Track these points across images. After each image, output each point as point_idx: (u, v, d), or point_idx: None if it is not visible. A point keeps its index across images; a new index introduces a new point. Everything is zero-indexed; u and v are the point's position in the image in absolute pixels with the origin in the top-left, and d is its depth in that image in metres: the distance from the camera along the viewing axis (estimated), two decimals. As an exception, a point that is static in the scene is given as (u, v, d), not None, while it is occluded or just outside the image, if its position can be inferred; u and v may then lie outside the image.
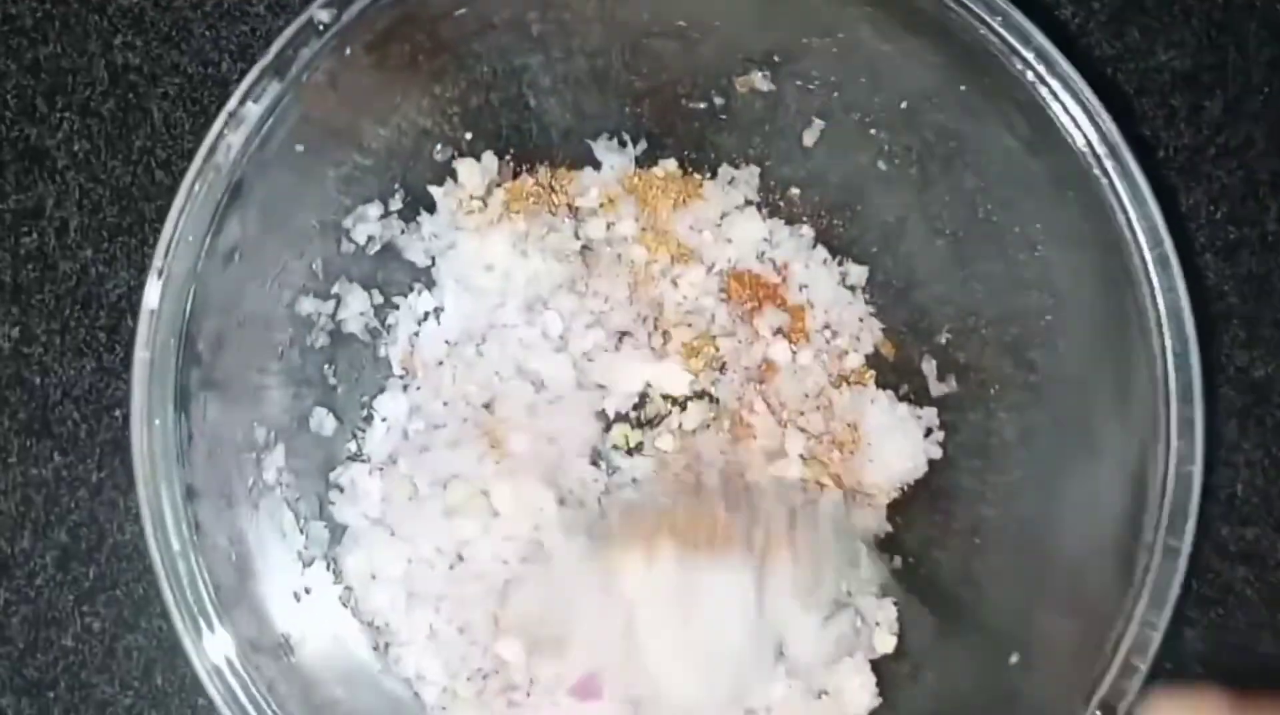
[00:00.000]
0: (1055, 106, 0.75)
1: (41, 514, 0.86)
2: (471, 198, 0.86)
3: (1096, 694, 0.71)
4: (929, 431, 0.88)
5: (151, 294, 0.69)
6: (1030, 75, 0.75)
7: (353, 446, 0.86)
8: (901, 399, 0.89)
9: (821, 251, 0.91)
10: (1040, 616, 0.79)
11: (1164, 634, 0.71)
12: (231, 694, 0.69)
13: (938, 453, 0.88)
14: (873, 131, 0.85)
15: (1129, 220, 0.74)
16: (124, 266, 0.88)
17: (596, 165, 0.90)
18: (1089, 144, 0.75)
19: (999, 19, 0.74)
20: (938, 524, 0.87)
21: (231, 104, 0.70)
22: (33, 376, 0.87)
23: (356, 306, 0.85)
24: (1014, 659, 0.78)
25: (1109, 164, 0.74)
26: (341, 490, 0.84)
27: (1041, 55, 0.74)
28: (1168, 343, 0.73)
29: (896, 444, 0.87)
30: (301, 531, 0.81)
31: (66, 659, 0.85)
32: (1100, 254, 0.75)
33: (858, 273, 0.90)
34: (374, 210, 0.84)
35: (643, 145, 0.90)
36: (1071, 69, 0.74)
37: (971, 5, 0.74)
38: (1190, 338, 0.73)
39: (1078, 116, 0.75)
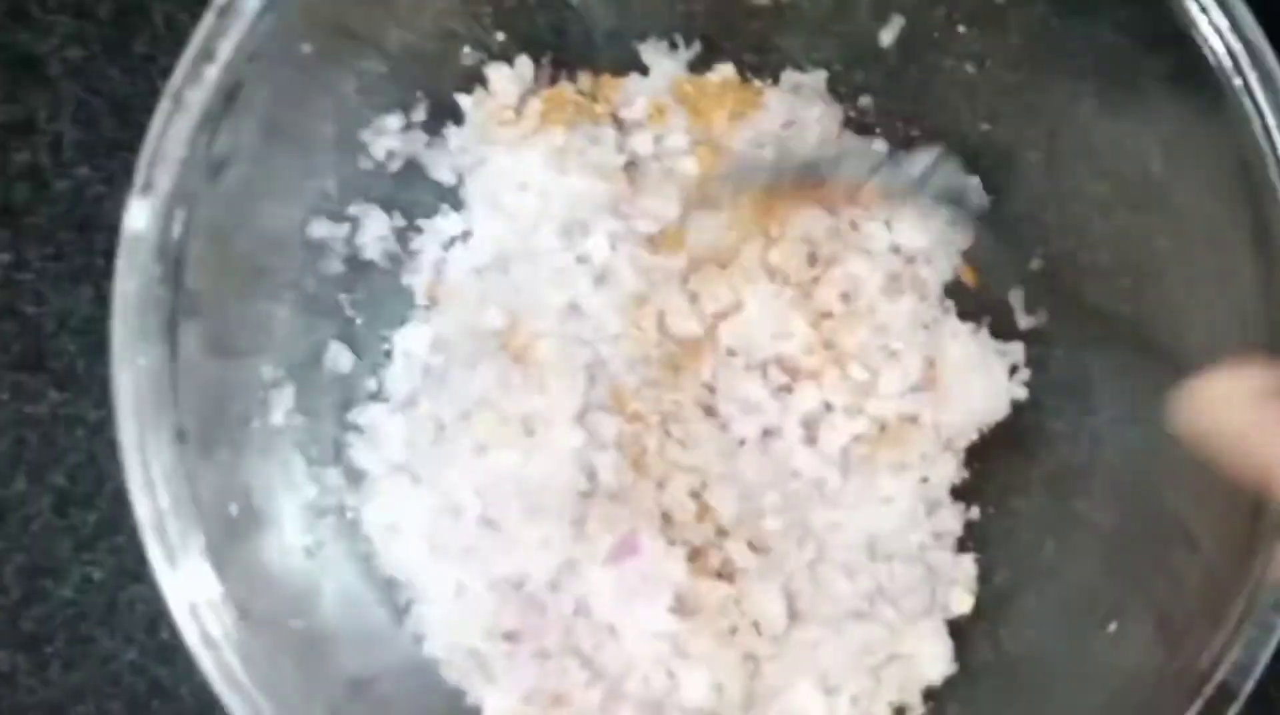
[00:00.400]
0: (1177, -7, 0.66)
1: (37, 455, 0.80)
2: (504, 108, 0.79)
3: (1214, 677, 0.63)
4: (1014, 370, 0.80)
5: (135, 215, 0.62)
6: (1148, -46, 0.66)
7: (372, 384, 0.78)
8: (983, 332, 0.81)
9: (896, 168, 0.82)
10: (1143, 578, 0.72)
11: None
12: (229, 670, 0.62)
13: (1022, 393, 0.80)
14: (960, 29, 0.77)
15: (1267, 131, 0.65)
16: (123, 186, 0.77)
17: (644, 71, 0.82)
18: (1220, 38, 0.66)
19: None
20: (1019, 471, 0.80)
21: (223, -3, 0.62)
22: (25, 306, 0.81)
23: (375, 230, 0.77)
24: (1112, 627, 0.71)
25: (1244, 62, 0.66)
26: (360, 431, 0.77)
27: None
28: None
29: (977, 383, 0.80)
30: (314, 480, 0.74)
31: (65, 611, 0.80)
32: (1228, 171, 0.67)
33: (936, 192, 0.81)
34: (394, 121, 0.77)
35: (696, 48, 0.82)
36: (1197, -54, 0.66)
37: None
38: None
39: (1206, 4, 0.66)
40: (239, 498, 0.68)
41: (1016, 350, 0.80)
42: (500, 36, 0.79)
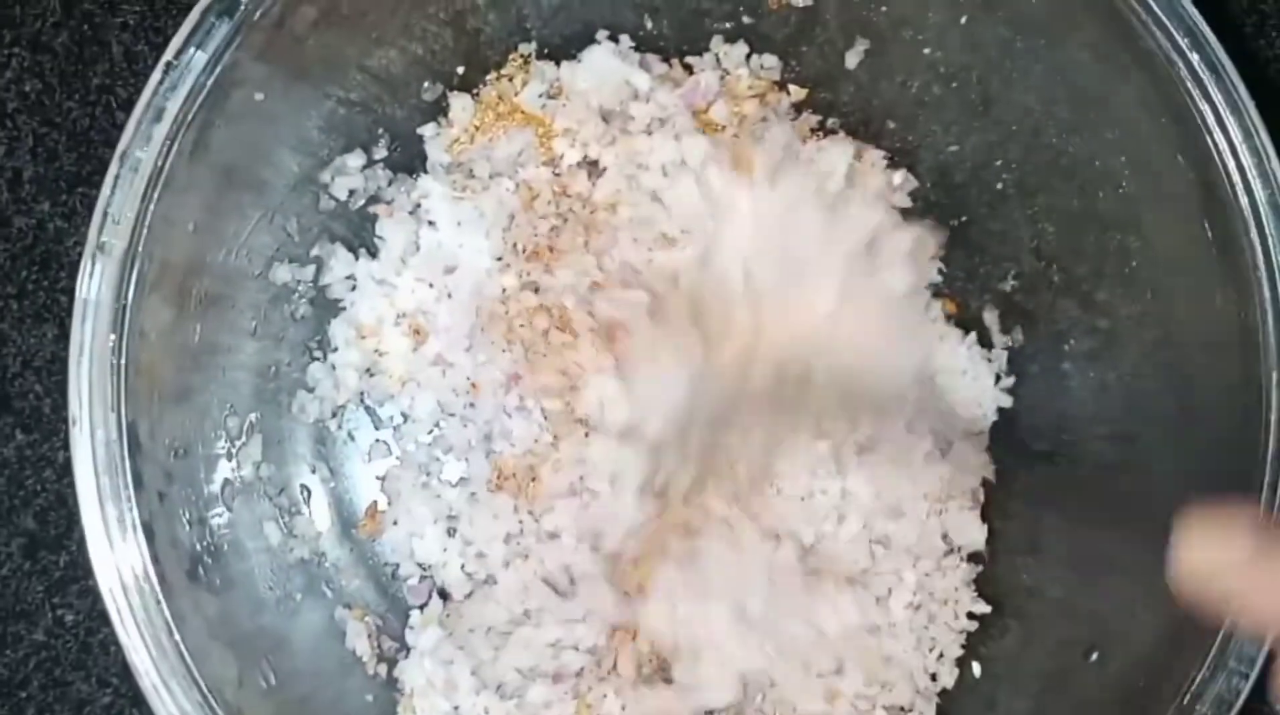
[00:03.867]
0: (1141, 13, 0.66)
1: (5, 497, 0.79)
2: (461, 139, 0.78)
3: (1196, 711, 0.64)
4: (998, 378, 0.79)
5: (87, 283, 0.60)
6: (1111, -22, 0.65)
7: (337, 428, 0.77)
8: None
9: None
10: (1124, 605, 0.71)
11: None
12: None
13: (1008, 401, 0.79)
14: (926, 51, 0.76)
15: (1234, 152, 0.65)
16: (84, 220, 0.77)
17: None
18: (1183, 59, 0.65)
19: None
20: (998, 489, 0.79)
21: (170, 52, 0.61)
22: (-11, 346, 0.79)
23: (341, 270, 0.76)
24: (1093, 657, 0.71)
25: (1210, 84, 0.65)
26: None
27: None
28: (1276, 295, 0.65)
29: (966, 387, 0.79)
30: (286, 528, 0.73)
31: (39, 655, 0.79)
32: (1195, 191, 0.67)
33: (907, 211, 0.80)
34: (355, 160, 0.75)
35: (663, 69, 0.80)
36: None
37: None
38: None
39: (1169, 25, 0.65)
40: (209, 557, 0.67)
41: (1001, 357, 0.79)
42: (460, 69, 0.77)
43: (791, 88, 0.79)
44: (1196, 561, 0.52)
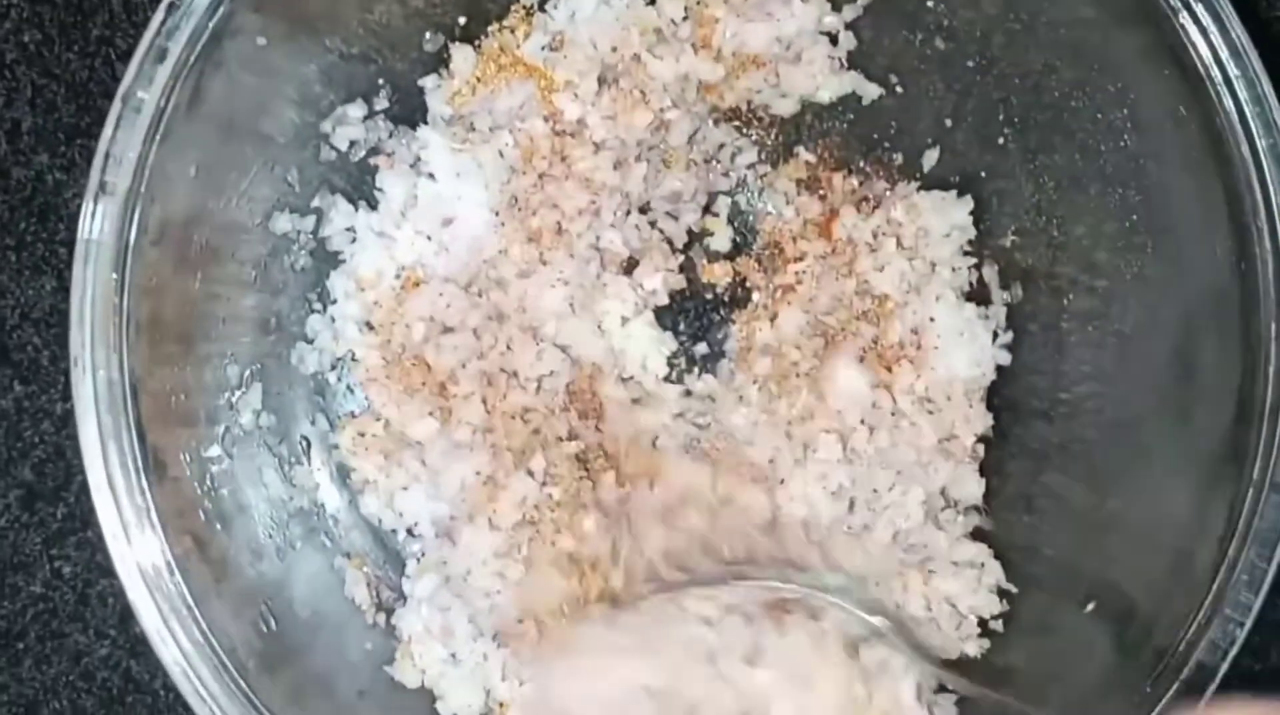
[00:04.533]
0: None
1: (3, 449, 0.79)
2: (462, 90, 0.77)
3: (1191, 657, 0.64)
4: (995, 336, 0.79)
5: (89, 221, 0.60)
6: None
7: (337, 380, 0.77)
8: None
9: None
10: (1119, 557, 0.72)
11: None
12: (198, 677, 0.61)
13: (1006, 358, 0.78)
14: (929, 3, 0.76)
15: (1238, 103, 0.64)
16: (83, 172, 0.78)
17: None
18: (1187, 9, 0.65)
19: None
20: (995, 448, 0.79)
21: (172, -7, 0.60)
22: (-14, 298, 0.79)
23: (341, 222, 0.76)
24: (1090, 607, 0.71)
25: (1214, 34, 0.64)
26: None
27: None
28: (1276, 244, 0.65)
29: (963, 346, 0.78)
30: (284, 480, 0.73)
31: (36, 606, 0.79)
32: (1200, 142, 0.66)
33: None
34: (356, 110, 0.75)
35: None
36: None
37: None
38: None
39: None
40: (208, 502, 0.67)
41: (999, 314, 0.79)
42: (462, 19, 0.77)
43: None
44: None
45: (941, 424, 0.77)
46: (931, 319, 0.78)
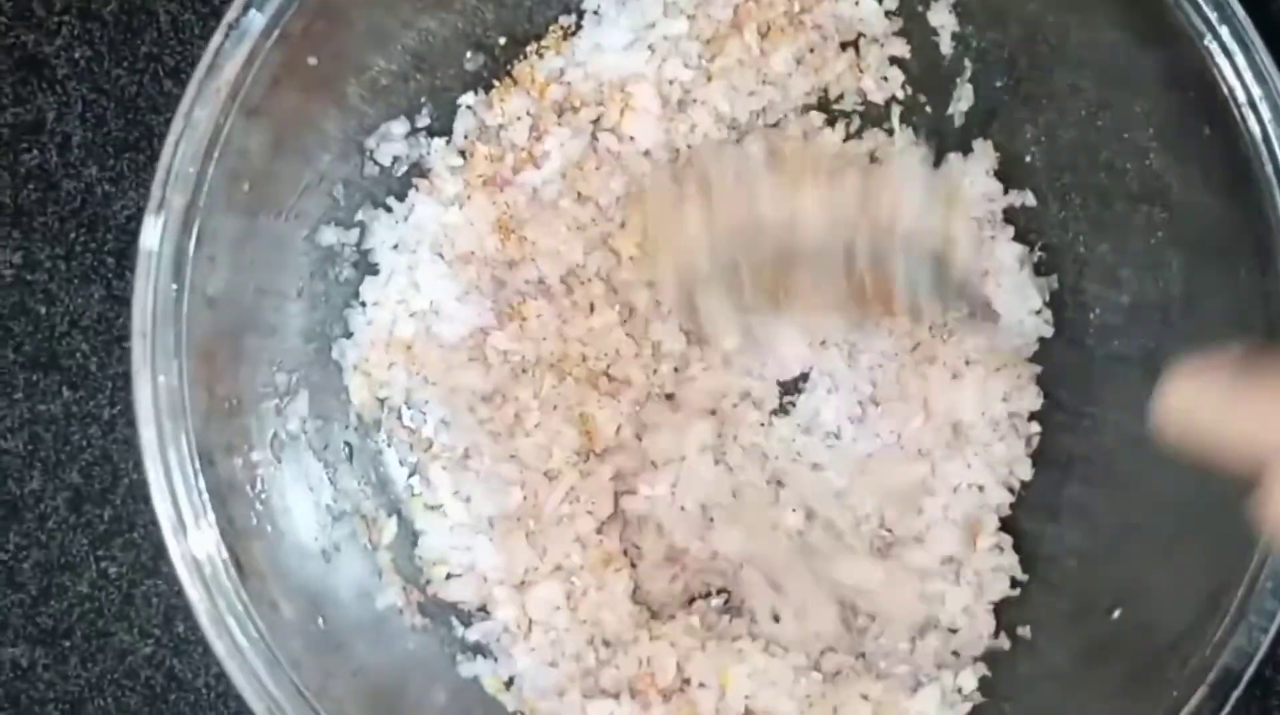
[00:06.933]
0: (1169, -13, 0.66)
1: (51, 453, 0.81)
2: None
3: (1217, 662, 0.66)
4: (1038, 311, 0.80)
5: (149, 233, 0.63)
6: (1140, -50, 0.66)
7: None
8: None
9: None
10: (1145, 564, 0.73)
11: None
12: (252, 673, 0.63)
13: (1048, 331, 0.80)
14: (957, 26, 0.79)
15: (1261, 124, 0.66)
16: (132, 185, 0.81)
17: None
18: (1211, 32, 0.66)
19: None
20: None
21: (231, 14, 0.63)
22: (37, 305, 0.81)
23: (384, 234, 0.77)
24: (1116, 614, 0.73)
25: (1238, 56, 0.66)
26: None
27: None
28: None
29: (1016, 306, 0.79)
30: (330, 483, 0.75)
31: (82, 606, 0.81)
32: (1222, 163, 0.68)
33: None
34: (399, 127, 0.77)
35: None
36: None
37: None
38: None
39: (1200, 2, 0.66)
40: (258, 504, 0.69)
41: (1046, 284, 0.80)
42: (502, 40, 0.79)
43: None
44: (1179, 402, 0.53)
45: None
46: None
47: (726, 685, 0.74)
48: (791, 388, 0.80)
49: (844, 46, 0.80)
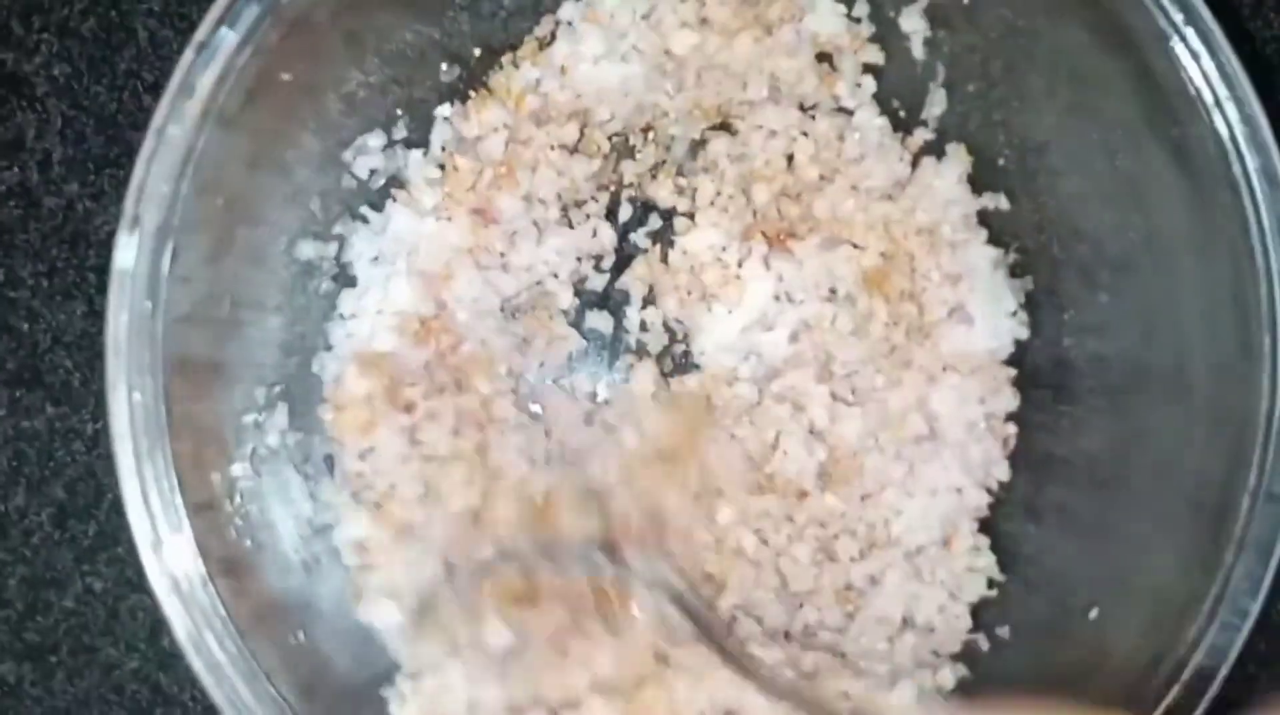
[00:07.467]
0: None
1: (35, 469, 0.81)
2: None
3: (1192, 661, 0.66)
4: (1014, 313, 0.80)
5: (123, 251, 0.63)
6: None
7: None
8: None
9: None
10: (1121, 565, 0.74)
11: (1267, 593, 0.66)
12: (232, 689, 0.63)
13: (1024, 333, 0.80)
14: (930, 30, 0.79)
15: (1228, 124, 0.67)
16: (112, 201, 0.82)
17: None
18: (1178, 34, 0.67)
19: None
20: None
21: (201, 32, 0.63)
22: (20, 322, 0.82)
23: (362, 247, 0.78)
24: (1093, 614, 0.73)
25: (1204, 58, 0.67)
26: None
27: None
28: (1272, 264, 0.67)
29: (990, 308, 0.80)
30: (310, 496, 0.75)
31: (68, 621, 0.81)
32: (1192, 163, 0.69)
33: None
34: (375, 140, 0.77)
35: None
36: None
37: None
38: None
39: (1166, 4, 0.67)
40: (238, 519, 0.69)
41: (1020, 286, 0.80)
42: (477, 50, 0.79)
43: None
44: None
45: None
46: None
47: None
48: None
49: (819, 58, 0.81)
